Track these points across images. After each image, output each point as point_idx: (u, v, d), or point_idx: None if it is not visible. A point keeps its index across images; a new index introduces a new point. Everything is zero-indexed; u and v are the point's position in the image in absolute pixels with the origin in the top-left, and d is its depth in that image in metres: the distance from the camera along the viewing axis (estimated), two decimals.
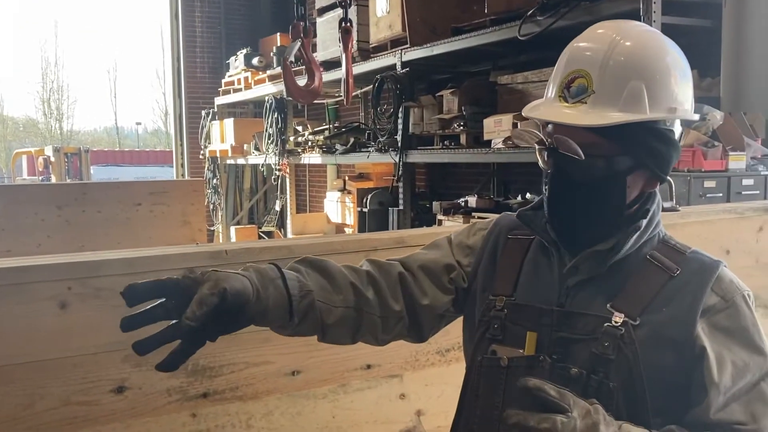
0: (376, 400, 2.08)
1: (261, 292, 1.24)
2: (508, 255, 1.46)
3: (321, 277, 1.38)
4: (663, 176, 1.34)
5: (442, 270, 1.49)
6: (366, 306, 1.41)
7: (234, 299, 1.19)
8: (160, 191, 8.15)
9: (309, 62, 5.57)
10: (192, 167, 12.39)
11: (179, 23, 12.33)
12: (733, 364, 1.25)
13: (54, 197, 7.59)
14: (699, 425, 1.24)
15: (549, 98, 1.35)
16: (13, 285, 1.62)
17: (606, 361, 1.26)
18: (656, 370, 1.26)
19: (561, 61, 1.35)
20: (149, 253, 1.76)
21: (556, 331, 1.32)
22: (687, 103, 1.33)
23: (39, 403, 1.66)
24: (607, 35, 1.31)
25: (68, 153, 15.05)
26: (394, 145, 7.06)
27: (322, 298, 1.35)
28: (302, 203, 11.46)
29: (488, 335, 1.39)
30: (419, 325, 1.48)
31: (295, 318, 1.31)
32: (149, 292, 1.16)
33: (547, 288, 1.37)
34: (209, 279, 1.18)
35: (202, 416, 1.83)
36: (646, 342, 1.26)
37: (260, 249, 1.87)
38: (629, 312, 1.27)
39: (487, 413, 1.35)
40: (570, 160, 1.28)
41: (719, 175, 4.34)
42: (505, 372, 1.34)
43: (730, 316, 1.28)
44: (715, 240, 2.56)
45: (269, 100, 9.49)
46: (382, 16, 7.16)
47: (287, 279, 1.30)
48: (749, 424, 1.23)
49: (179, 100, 12.55)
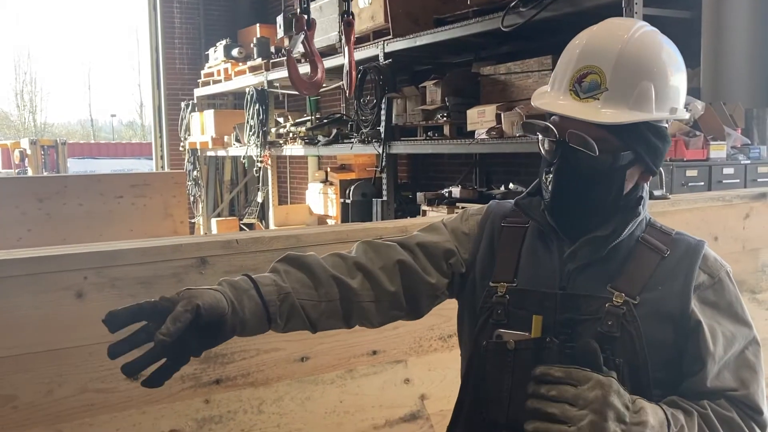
0: (382, 385, 2.13)
1: (236, 304, 1.27)
2: (506, 242, 1.51)
3: (301, 273, 1.40)
4: (655, 170, 1.42)
5: (442, 254, 1.52)
6: (351, 295, 1.43)
7: (208, 314, 1.22)
8: (142, 184, 8.10)
9: (312, 54, 5.61)
10: (172, 159, 12.31)
11: (157, 14, 12.22)
12: (723, 335, 1.36)
13: (35, 190, 7.50)
14: (695, 394, 1.35)
15: (557, 90, 1.39)
16: (30, 275, 1.64)
17: (611, 338, 1.33)
18: (656, 345, 1.34)
19: (571, 54, 1.39)
20: (163, 243, 1.79)
21: (561, 313, 1.38)
22: (683, 102, 1.42)
23: (57, 391, 1.69)
24: (619, 34, 1.37)
25: (45, 146, 14.85)
26: (377, 137, 7.09)
27: (303, 295, 1.38)
28: (283, 195, 11.45)
29: (492, 320, 1.44)
30: (417, 303, 1.51)
31: (278, 321, 1.34)
32: (129, 317, 1.19)
33: (548, 273, 1.43)
34: (183, 297, 1.22)
35: (215, 402, 1.87)
36: (647, 318, 1.34)
37: (270, 238, 1.90)
38: (629, 291, 1.36)
39: (495, 395, 1.41)
40: (578, 153, 1.34)
41: (700, 165, 4.42)
42: (512, 355, 1.39)
43: (717, 292, 1.39)
44: (704, 227, 2.64)
45: (250, 92, 9.47)
46: (365, 7, 7.18)
47: (261, 287, 1.32)
48: (740, 390, 1.35)
49: (158, 92, 12.45)
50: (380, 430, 2.12)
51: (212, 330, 1.25)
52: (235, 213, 12.04)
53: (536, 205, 1.48)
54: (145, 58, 12.92)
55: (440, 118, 6.44)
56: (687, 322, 1.36)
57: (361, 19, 7.30)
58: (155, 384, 1.22)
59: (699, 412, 1.32)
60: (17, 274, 1.63)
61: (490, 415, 1.42)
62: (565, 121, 1.36)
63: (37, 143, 14.82)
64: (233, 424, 1.90)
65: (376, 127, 7.11)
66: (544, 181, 1.42)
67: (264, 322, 1.32)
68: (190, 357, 1.24)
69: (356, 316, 1.46)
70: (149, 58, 12.56)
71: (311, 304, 1.39)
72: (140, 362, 1.18)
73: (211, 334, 1.25)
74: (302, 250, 1.91)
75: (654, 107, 1.34)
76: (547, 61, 5.37)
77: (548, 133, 1.39)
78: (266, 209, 10.44)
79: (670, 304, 1.36)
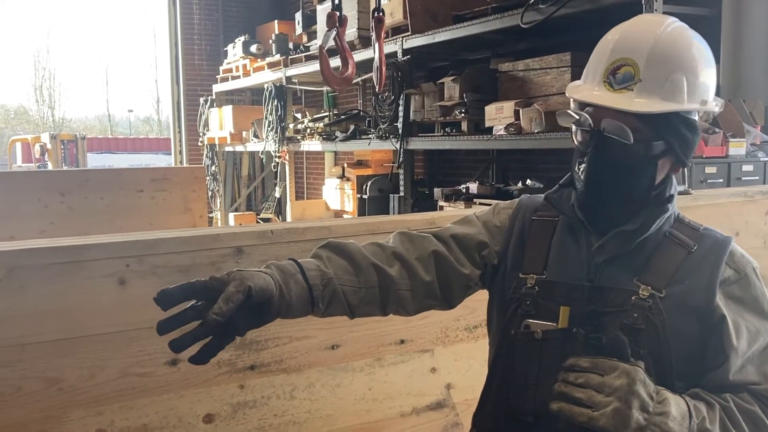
0: (409, 373, 2.18)
1: (283, 288, 1.32)
2: (536, 235, 1.54)
3: (342, 260, 1.45)
4: (687, 161, 1.44)
5: (476, 246, 1.57)
6: (389, 282, 1.48)
7: (259, 295, 1.26)
8: (162, 178, 8.16)
9: (343, 50, 5.68)
10: (190, 154, 12.42)
11: (177, 10, 12.32)
12: (747, 330, 1.38)
13: (57, 184, 7.58)
14: (718, 387, 1.37)
15: (591, 82, 1.43)
16: (75, 262, 1.71)
17: (636, 330, 1.37)
18: (680, 338, 1.38)
19: (604, 48, 1.43)
20: (201, 233, 1.85)
21: (587, 305, 1.42)
22: (713, 96, 1.45)
23: (99, 375, 1.76)
24: (651, 29, 1.41)
25: (65, 140, 15.02)
26: (394, 132, 7.13)
27: (344, 281, 1.43)
28: (300, 190, 11.53)
29: (521, 311, 1.47)
30: (450, 293, 1.56)
31: (320, 305, 1.39)
32: (180, 295, 1.23)
33: (576, 265, 1.47)
34: (235, 278, 1.25)
35: (249, 387, 1.93)
36: (672, 312, 1.37)
37: (303, 229, 1.96)
38: (655, 285, 1.39)
39: (522, 383, 1.45)
40: (613, 142, 1.38)
41: (719, 161, 4.43)
42: (539, 344, 1.43)
43: (743, 287, 1.41)
44: (725, 222, 2.67)
45: (269, 88, 9.53)
46: (384, 4, 7.22)
47: (306, 272, 1.37)
48: (763, 384, 1.38)
49: (177, 88, 12.54)
50: (407, 417, 2.17)
51: (260, 311, 1.29)
52: (252, 208, 12.13)
53: (566, 199, 1.52)
54: (164, 54, 13.04)
55: (458, 114, 6.47)
56: (712, 316, 1.38)
57: None
58: (202, 361, 1.26)
59: (721, 404, 1.35)
60: (63, 261, 1.70)
61: (517, 402, 1.45)
62: (599, 111, 1.39)
63: (57, 138, 14.99)
64: (266, 409, 1.96)
65: (394, 123, 7.15)
66: (577, 172, 1.45)
67: (308, 306, 1.37)
68: (235, 336, 1.28)
69: (393, 304, 1.50)
70: (168, 53, 12.66)
71: (351, 290, 1.43)
72: (188, 339, 1.22)
73: (258, 314, 1.29)
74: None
75: (686, 98, 1.38)
76: (566, 58, 5.38)
77: (582, 123, 1.42)
78: (283, 204, 10.51)
79: (696, 297, 1.39)
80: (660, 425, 1.26)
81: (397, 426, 2.15)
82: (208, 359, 1.26)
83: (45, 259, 1.68)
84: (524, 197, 1.65)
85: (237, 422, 1.92)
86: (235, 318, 1.23)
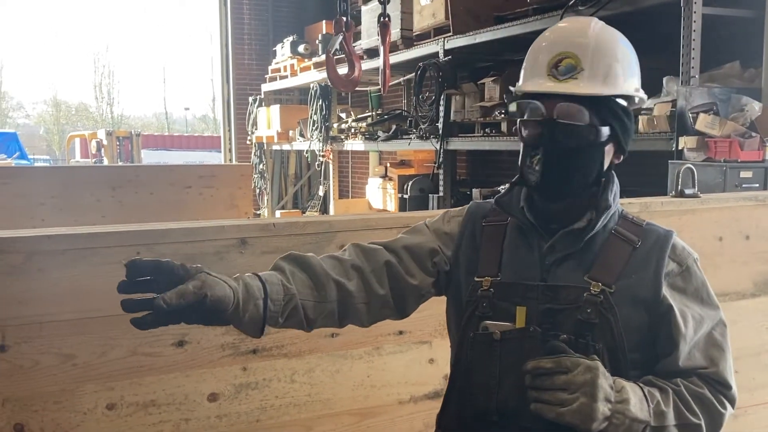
0: (407, 363, 2.26)
1: (240, 306, 1.37)
2: (487, 240, 1.61)
3: (304, 275, 1.50)
4: (626, 149, 1.54)
5: (427, 254, 1.62)
6: (348, 297, 1.53)
7: (212, 305, 1.32)
8: (210, 175, 8.40)
9: (350, 54, 5.87)
10: (239, 152, 12.70)
11: (228, 10, 12.61)
12: (693, 317, 1.49)
13: (109, 179, 7.86)
14: (669, 373, 1.47)
15: (534, 77, 1.50)
16: (89, 248, 1.85)
17: (590, 325, 1.45)
18: (632, 329, 1.46)
19: (539, 47, 1.52)
20: (207, 224, 1.97)
21: (542, 303, 1.49)
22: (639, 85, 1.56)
23: (110, 353, 1.90)
24: (582, 26, 1.53)
25: (120, 137, 15.52)
26: (435, 133, 7.20)
27: (306, 297, 1.48)
28: (345, 189, 11.68)
29: (477, 313, 1.53)
30: (404, 304, 1.62)
31: (279, 320, 1.45)
32: (148, 269, 1.31)
33: (529, 266, 1.54)
34: (198, 279, 1.32)
35: (251, 370, 2.05)
36: (622, 305, 1.46)
37: (304, 223, 2.07)
38: (605, 281, 1.47)
39: (483, 383, 1.51)
40: (565, 128, 1.45)
41: (756, 166, 4.36)
42: (498, 344, 1.49)
43: (685, 279, 1.52)
44: (734, 225, 2.67)
45: (314, 87, 9.71)
46: (426, 5, 7.30)
47: (269, 294, 1.41)
48: (710, 367, 1.48)
49: (227, 87, 12.85)
50: (405, 405, 2.26)
51: (211, 314, 1.35)
52: (298, 206, 12.34)
53: (516, 203, 1.58)
54: (217, 54, 13.35)
55: (498, 114, 6.51)
56: (659, 306, 1.47)
57: (422, 16, 7.43)
58: (140, 326, 1.32)
59: (673, 389, 1.43)
60: (79, 247, 1.84)
61: (480, 402, 1.51)
62: (548, 103, 1.47)
63: (113, 134, 15.51)
64: (267, 391, 2.07)
65: (435, 123, 7.22)
66: (529, 165, 1.50)
67: (257, 330, 1.43)
68: (180, 322, 1.35)
69: (350, 317, 1.57)
70: (219, 54, 12.98)
71: (312, 305, 1.49)
72: (137, 306, 1.30)
73: (209, 316, 1.36)
74: (333, 235, 2.08)
75: (622, 84, 1.49)
76: None
77: (536, 112, 1.48)
78: (327, 202, 10.68)
79: (644, 290, 1.48)
80: (623, 412, 1.34)
81: (395, 412, 2.25)
82: (145, 327, 1.32)
83: (62, 245, 1.82)
84: (472, 204, 1.71)
85: (240, 402, 2.04)
86: (183, 310, 1.30)
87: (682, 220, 2.53)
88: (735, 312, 2.56)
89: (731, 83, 4.76)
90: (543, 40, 1.54)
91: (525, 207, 1.57)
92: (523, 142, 1.52)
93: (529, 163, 1.50)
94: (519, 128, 1.54)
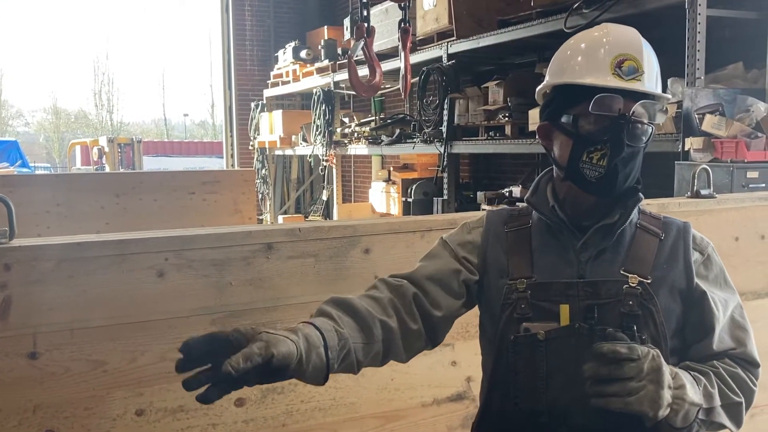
0: (431, 365, 2.27)
1: (304, 358, 1.31)
2: (514, 244, 1.61)
3: (351, 320, 1.46)
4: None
5: (451, 276, 1.60)
6: (391, 334, 1.51)
7: (278, 363, 1.26)
8: (213, 181, 8.40)
9: (371, 60, 5.94)
10: (241, 158, 12.73)
11: (229, 16, 12.65)
12: (720, 302, 1.54)
13: (112, 186, 7.87)
14: (704, 357, 1.53)
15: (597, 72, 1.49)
16: (118, 255, 1.86)
17: (634, 317, 1.48)
18: (670, 318, 1.51)
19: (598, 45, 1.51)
20: (235, 230, 1.98)
21: (583, 300, 1.50)
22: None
23: (140, 358, 1.91)
24: (632, 31, 1.56)
25: (121, 143, 15.52)
26: (439, 136, 7.23)
27: (356, 339, 1.45)
28: (347, 193, 11.70)
29: (516, 315, 1.52)
30: (435, 334, 1.60)
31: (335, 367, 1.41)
32: (202, 345, 1.24)
33: (564, 264, 1.55)
34: (261, 339, 1.26)
35: None
36: (660, 295, 1.50)
37: (329, 228, 2.08)
38: (641, 272, 1.51)
39: (530, 385, 1.51)
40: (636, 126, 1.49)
41: (762, 166, 4.39)
42: (544, 345, 1.50)
43: (707, 266, 1.58)
44: (750, 226, 2.69)
45: (317, 93, 9.74)
46: (429, 9, 7.33)
47: (327, 341, 1.37)
48: (738, 348, 1.55)
49: (229, 92, 12.88)
50: (428, 407, 2.28)
51: (274, 373, 1.30)
52: (300, 210, 12.36)
53: (543, 202, 1.60)
54: (217, 60, 13.38)
55: (502, 118, 6.53)
56: (693, 294, 1.53)
57: (425, 20, 7.46)
58: (207, 401, 1.26)
59: (712, 371, 1.49)
60: (108, 254, 1.86)
61: (527, 404, 1.51)
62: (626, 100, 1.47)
63: (114, 141, 15.51)
64: (293, 396, 2.09)
65: (438, 127, 7.25)
66: (587, 161, 1.49)
67: (321, 378, 1.39)
68: (243, 386, 1.29)
69: (392, 354, 1.55)
70: (221, 59, 13.01)
71: (361, 347, 1.46)
72: (201, 381, 1.23)
73: (272, 375, 1.31)
74: (357, 239, 2.09)
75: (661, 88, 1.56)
76: None
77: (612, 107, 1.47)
78: (331, 207, 10.70)
79: (679, 280, 1.53)
80: (682, 397, 1.38)
81: (418, 415, 2.26)
82: (213, 400, 1.26)
83: (91, 252, 1.84)
84: (489, 213, 1.71)
85: (266, 406, 2.05)
86: (250, 373, 1.25)
87: (699, 221, 2.54)
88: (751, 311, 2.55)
89: (735, 84, 4.79)
90: (601, 38, 1.53)
91: (556, 205, 1.58)
92: (579, 137, 1.50)
93: (587, 158, 1.49)
94: (571, 122, 1.50)
